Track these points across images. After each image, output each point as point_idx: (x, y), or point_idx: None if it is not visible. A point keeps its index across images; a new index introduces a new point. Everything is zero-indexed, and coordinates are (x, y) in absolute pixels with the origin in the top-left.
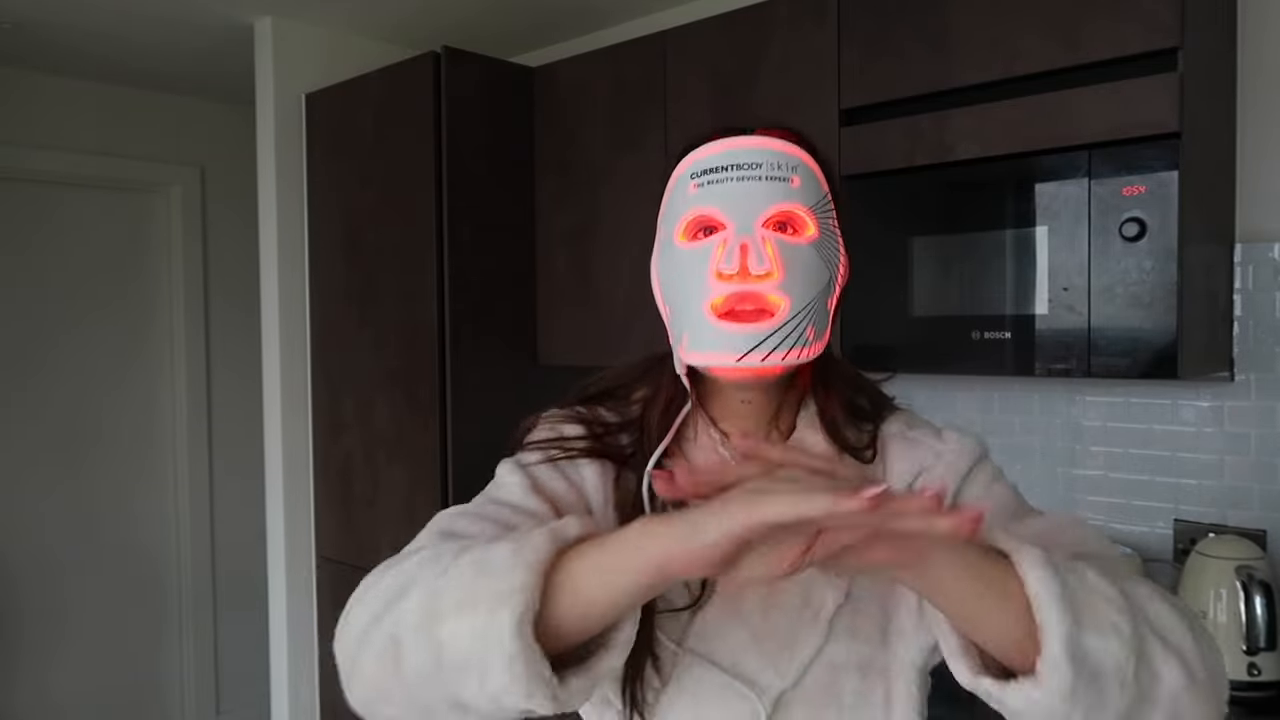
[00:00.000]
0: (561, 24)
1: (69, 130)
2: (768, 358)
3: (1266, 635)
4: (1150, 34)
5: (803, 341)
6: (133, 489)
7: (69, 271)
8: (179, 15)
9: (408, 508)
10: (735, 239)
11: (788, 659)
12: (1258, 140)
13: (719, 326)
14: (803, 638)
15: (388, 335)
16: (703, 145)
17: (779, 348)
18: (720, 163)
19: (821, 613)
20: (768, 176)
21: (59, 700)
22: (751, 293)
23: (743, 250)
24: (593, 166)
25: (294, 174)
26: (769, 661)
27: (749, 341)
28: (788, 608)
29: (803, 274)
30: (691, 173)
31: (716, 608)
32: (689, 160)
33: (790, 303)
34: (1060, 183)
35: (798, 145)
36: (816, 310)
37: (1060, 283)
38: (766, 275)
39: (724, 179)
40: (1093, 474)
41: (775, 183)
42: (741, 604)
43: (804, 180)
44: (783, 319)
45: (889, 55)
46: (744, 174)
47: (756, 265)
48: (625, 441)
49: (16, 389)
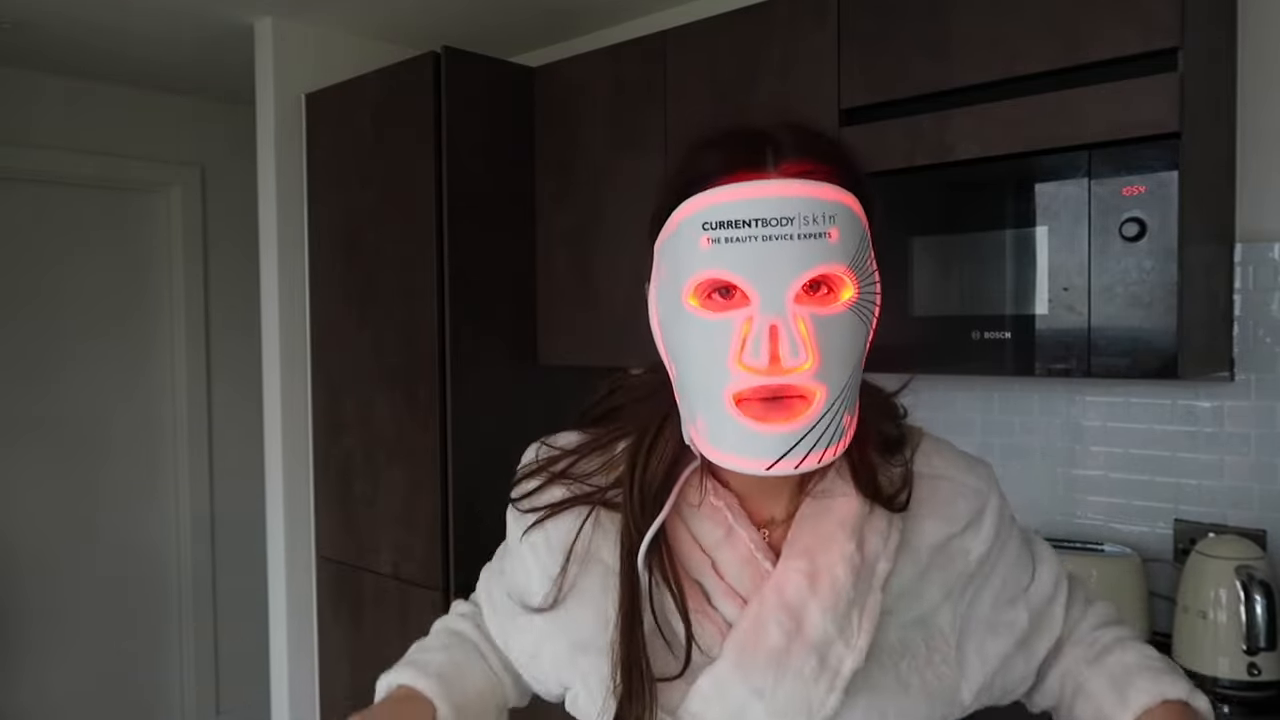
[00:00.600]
0: (561, 24)
1: (69, 130)
2: (802, 463)
3: (1266, 635)
4: (1150, 34)
5: (840, 434)
6: (133, 489)
7: (68, 271)
8: (179, 15)
9: (408, 508)
10: (761, 319)
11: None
12: (1258, 140)
13: (744, 425)
14: (818, 704)
15: (387, 335)
16: (713, 184)
17: (815, 448)
18: (740, 215)
19: (838, 680)
20: (801, 235)
21: (59, 700)
22: (784, 386)
23: (772, 335)
24: (593, 166)
25: (294, 174)
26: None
27: (780, 445)
28: (803, 674)
29: (839, 351)
30: (703, 222)
31: (724, 673)
32: (699, 204)
33: (827, 391)
34: (1060, 183)
35: (836, 177)
36: (853, 386)
37: (1060, 283)
38: (801, 365)
39: (745, 236)
40: (1093, 474)
41: (810, 241)
42: (753, 670)
43: (844, 230)
44: (818, 414)
45: (889, 55)
46: (771, 232)
47: (790, 358)
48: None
49: (16, 389)
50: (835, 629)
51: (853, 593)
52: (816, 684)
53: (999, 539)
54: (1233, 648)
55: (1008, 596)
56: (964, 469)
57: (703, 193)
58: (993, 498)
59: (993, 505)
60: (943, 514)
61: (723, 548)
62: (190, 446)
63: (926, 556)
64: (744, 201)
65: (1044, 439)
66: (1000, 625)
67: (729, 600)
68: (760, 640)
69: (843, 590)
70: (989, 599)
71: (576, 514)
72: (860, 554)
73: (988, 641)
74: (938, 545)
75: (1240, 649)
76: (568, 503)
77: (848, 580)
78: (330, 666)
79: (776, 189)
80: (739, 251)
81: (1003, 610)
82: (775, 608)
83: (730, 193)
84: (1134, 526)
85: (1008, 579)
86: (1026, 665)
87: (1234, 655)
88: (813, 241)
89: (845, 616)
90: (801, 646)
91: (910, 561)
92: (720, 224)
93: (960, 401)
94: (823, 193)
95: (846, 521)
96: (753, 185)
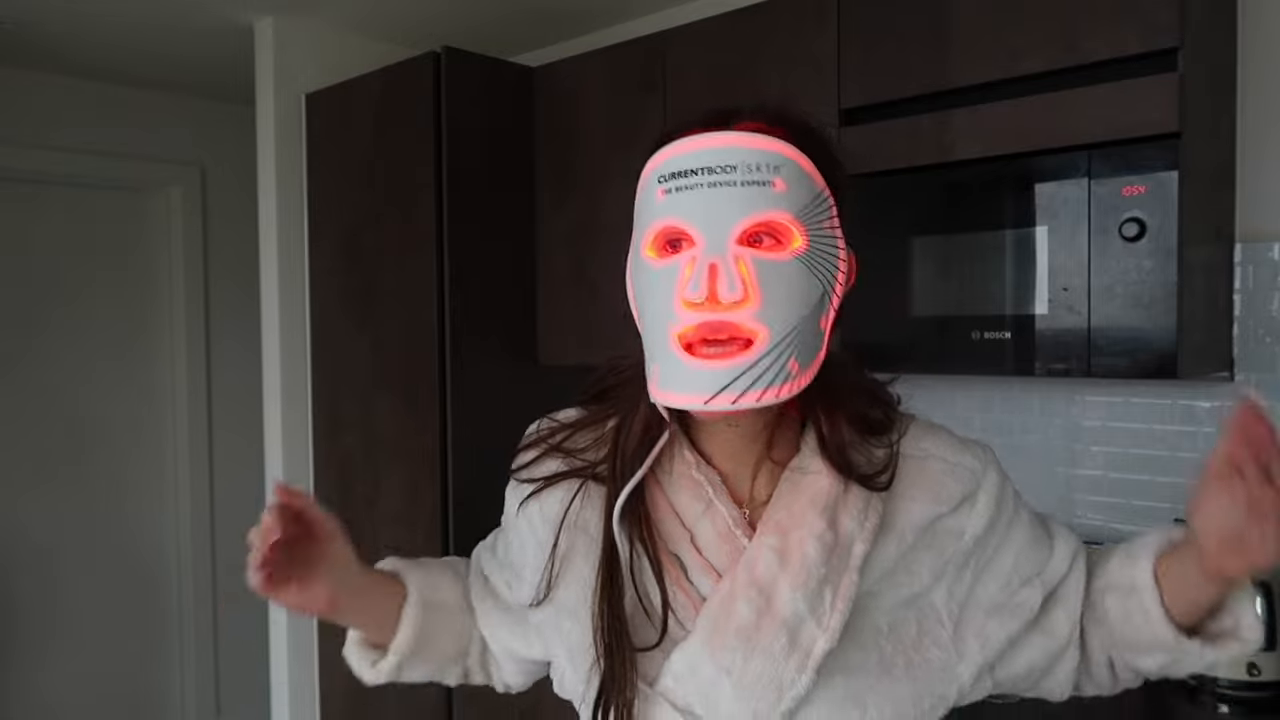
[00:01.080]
0: (561, 24)
1: (69, 130)
2: (740, 399)
3: (1267, 635)
4: (1150, 34)
5: (784, 376)
6: (133, 489)
7: (69, 272)
8: (179, 15)
9: (408, 508)
10: (704, 259)
11: (770, 706)
12: (1258, 140)
13: (685, 363)
14: (788, 683)
15: (388, 335)
16: (674, 140)
17: (754, 386)
18: (689, 165)
19: (810, 660)
20: (744, 181)
21: (58, 701)
22: (723, 322)
23: (711, 273)
24: (593, 166)
25: (294, 174)
26: (747, 708)
27: (718, 380)
28: (772, 652)
29: (785, 296)
30: (659, 175)
31: (694, 649)
32: (658, 159)
33: (769, 332)
34: (1060, 183)
35: (786, 137)
36: (803, 335)
37: (1060, 283)
38: (740, 302)
39: (694, 184)
40: (1093, 474)
41: (753, 188)
42: (721, 647)
43: (791, 182)
44: (759, 352)
45: (889, 56)
46: (716, 179)
47: (727, 292)
48: (599, 464)
49: (16, 389)
50: (806, 607)
51: (824, 570)
52: (787, 662)
53: (1001, 517)
54: None
55: (1021, 577)
56: (957, 449)
57: (661, 149)
58: (989, 475)
59: (990, 483)
60: (930, 494)
61: (702, 522)
62: (190, 446)
63: (912, 537)
64: (692, 153)
65: (1044, 439)
66: (1009, 607)
67: (705, 575)
68: (730, 617)
69: (813, 567)
70: (996, 580)
71: (568, 487)
72: (833, 532)
73: (991, 623)
74: (924, 525)
75: None
76: (560, 476)
77: (818, 557)
78: (330, 666)
79: (721, 140)
80: (688, 199)
81: (1015, 592)
82: (745, 584)
83: (682, 145)
84: (1134, 526)
85: (1020, 560)
86: (1049, 645)
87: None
88: (756, 189)
89: (817, 595)
90: (771, 624)
91: (894, 541)
92: (673, 175)
93: (960, 401)
94: (767, 144)
95: (818, 499)
96: (702, 137)
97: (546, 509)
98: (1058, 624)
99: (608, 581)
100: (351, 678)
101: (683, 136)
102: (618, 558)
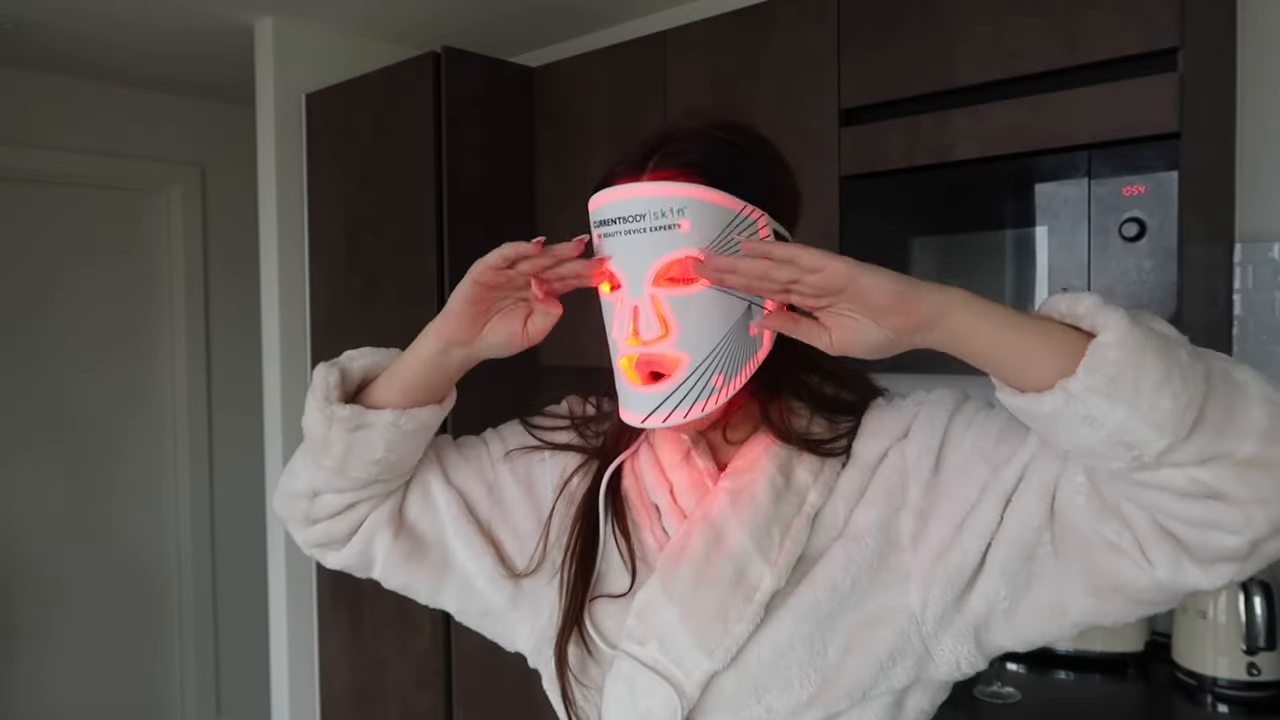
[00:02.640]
0: (561, 24)
1: (69, 130)
2: (669, 417)
3: (1266, 635)
4: (1150, 34)
5: (708, 392)
6: (133, 490)
7: (68, 272)
8: (179, 15)
9: None
10: (628, 301)
11: (718, 637)
12: (1258, 140)
13: (628, 386)
14: (734, 616)
15: (388, 335)
16: (604, 187)
17: (679, 406)
18: (609, 215)
19: (757, 594)
20: (652, 227)
21: (59, 701)
22: (648, 355)
23: (634, 314)
24: (593, 166)
25: (294, 174)
26: (697, 640)
27: (649, 404)
28: (719, 584)
29: (698, 324)
30: (594, 219)
31: (653, 584)
32: (592, 204)
33: (688, 359)
34: (1060, 183)
35: (691, 176)
36: (727, 351)
37: (1060, 283)
38: (660, 338)
39: (614, 232)
40: None
41: (660, 233)
42: (674, 579)
43: (695, 220)
44: (679, 379)
45: (889, 55)
46: (630, 227)
47: (645, 331)
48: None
49: (16, 390)
50: (753, 544)
51: (773, 510)
52: (733, 594)
53: (952, 424)
54: (1232, 648)
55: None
56: (911, 401)
57: (595, 194)
58: (934, 396)
59: (933, 399)
60: (874, 434)
61: (679, 470)
62: (190, 447)
63: (871, 471)
64: (611, 203)
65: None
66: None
67: (675, 519)
68: (684, 551)
69: (761, 507)
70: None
71: (570, 458)
72: (784, 478)
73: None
74: (872, 462)
75: (1240, 649)
76: (568, 447)
77: (766, 498)
78: (330, 666)
79: (633, 191)
80: (613, 245)
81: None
82: (699, 521)
83: (605, 195)
84: None
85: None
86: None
87: (1234, 655)
88: (663, 233)
89: (765, 533)
90: (720, 556)
91: (856, 475)
92: (601, 221)
93: None
94: (670, 190)
95: (773, 451)
96: (620, 189)
97: (541, 470)
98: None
99: (581, 537)
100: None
101: (612, 184)
102: (596, 516)
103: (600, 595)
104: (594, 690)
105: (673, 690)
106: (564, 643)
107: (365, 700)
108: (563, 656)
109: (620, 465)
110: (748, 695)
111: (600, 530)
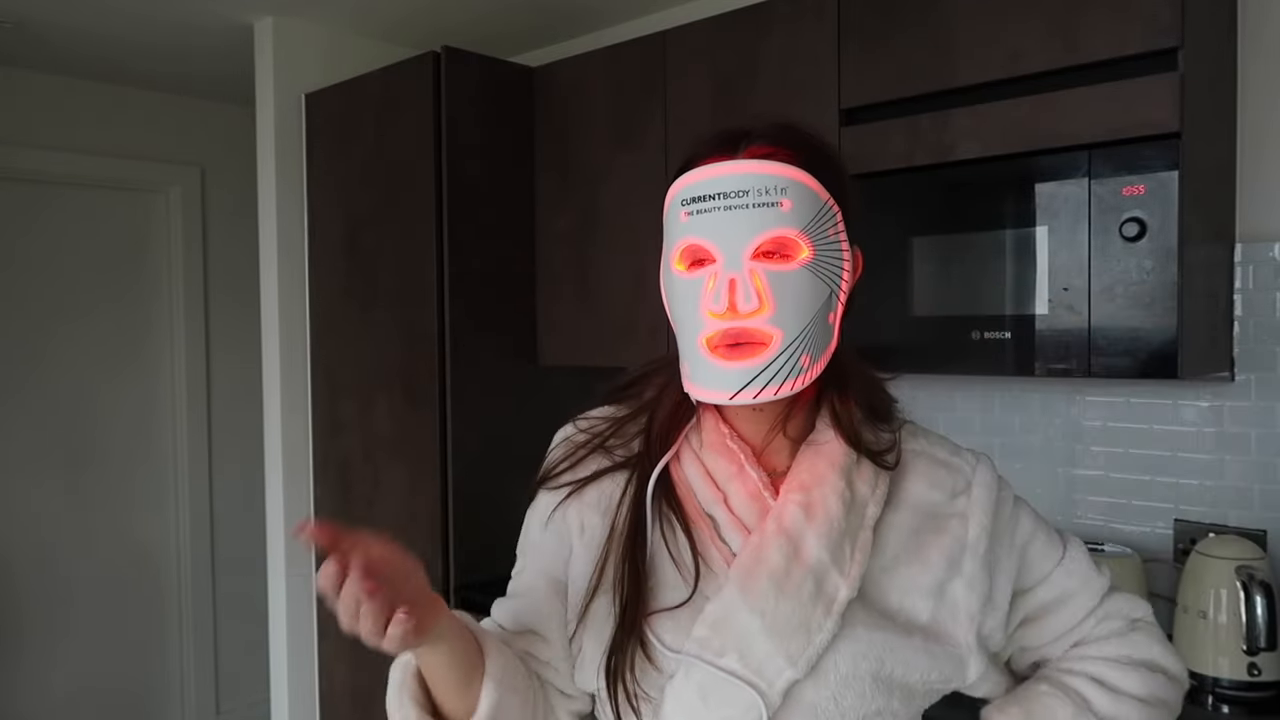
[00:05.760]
0: (561, 24)
1: (69, 130)
2: (760, 394)
3: (1266, 635)
4: (1150, 34)
5: (797, 371)
6: (133, 489)
7: (69, 272)
8: (179, 15)
9: (408, 508)
10: (724, 275)
11: (800, 647)
12: (1258, 140)
13: (712, 363)
14: (816, 626)
15: (387, 335)
16: (693, 168)
17: (771, 382)
18: (707, 191)
19: (834, 604)
20: (755, 204)
21: (60, 700)
22: (742, 329)
23: (731, 287)
24: (593, 166)
25: (294, 174)
26: (781, 650)
27: (740, 379)
28: (799, 595)
29: (794, 302)
30: (682, 199)
31: (729, 595)
32: (679, 185)
33: (782, 335)
34: (1060, 183)
35: (792, 159)
36: (813, 333)
37: (1060, 283)
38: (756, 311)
39: (712, 208)
40: (1093, 474)
41: (763, 210)
42: (754, 591)
43: (796, 201)
44: (774, 353)
45: (889, 55)
46: (730, 203)
47: (744, 303)
48: (635, 448)
49: (16, 390)
50: (829, 556)
51: (844, 524)
52: (814, 606)
53: (999, 513)
54: (1233, 648)
55: (1031, 580)
56: (950, 451)
57: (682, 175)
58: (980, 473)
59: (981, 480)
60: (926, 480)
61: (734, 482)
62: (190, 447)
63: (918, 518)
64: (710, 179)
65: (1044, 439)
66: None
67: (736, 532)
68: (761, 563)
69: (835, 520)
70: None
71: (610, 480)
72: (850, 491)
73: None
74: (927, 509)
75: (1240, 649)
76: (604, 471)
77: (839, 511)
78: (330, 666)
79: (735, 168)
80: (707, 221)
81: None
82: (775, 534)
83: (701, 173)
84: (1134, 526)
85: (1029, 562)
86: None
87: (1234, 655)
88: (766, 209)
89: (839, 546)
90: (800, 569)
91: (903, 513)
92: (694, 199)
93: (960, 401)
94: (775, 169)
95: (836, 462)
96: (718, 165)
97: (587, 501)
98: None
99: (631, 545)
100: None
101: (702, 163)
102: (644, 522)
103: (660, 608)
104: (647, 702)
105: (758, 697)
106: (625, 654)
107: (365, 700)
108: (621, 668)
109: (665, 476)
110: (827, 701)
111: (649, 540)
